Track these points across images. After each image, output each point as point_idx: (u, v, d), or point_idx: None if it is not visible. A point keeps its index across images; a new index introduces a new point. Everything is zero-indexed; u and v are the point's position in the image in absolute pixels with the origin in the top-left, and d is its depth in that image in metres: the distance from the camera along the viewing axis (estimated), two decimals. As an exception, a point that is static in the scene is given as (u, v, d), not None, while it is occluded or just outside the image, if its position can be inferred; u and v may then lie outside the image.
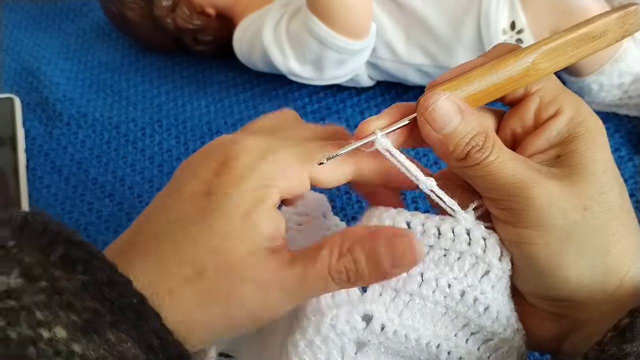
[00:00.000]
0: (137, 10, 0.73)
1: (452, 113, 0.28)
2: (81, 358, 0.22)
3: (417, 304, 0.29)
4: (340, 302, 0.28)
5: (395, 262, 0.26)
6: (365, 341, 0.29)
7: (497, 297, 0.29)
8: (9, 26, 0.84)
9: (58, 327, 0.22)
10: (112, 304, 0.24)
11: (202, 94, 0.71)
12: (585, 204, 0.27)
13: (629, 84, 0.57)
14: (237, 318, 0.27)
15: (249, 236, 0.26)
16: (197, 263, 0.26)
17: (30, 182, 0.61)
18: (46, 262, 0.24)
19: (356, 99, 0.66)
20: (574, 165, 0.28)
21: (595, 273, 0.27)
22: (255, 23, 0.65)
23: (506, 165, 0.27)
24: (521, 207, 0.27)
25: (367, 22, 0.58)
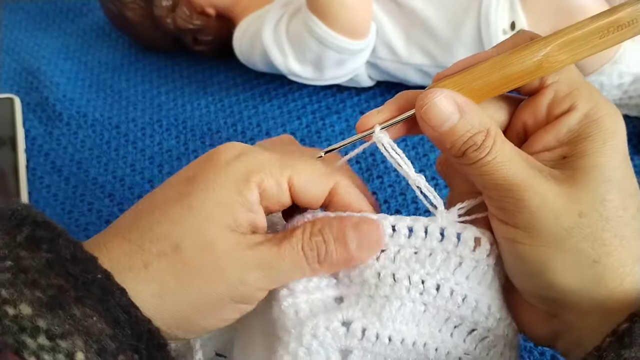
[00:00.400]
0: (137, 10, 0.73)
1: (448, 111, 0.27)
2: (46, 333, 0.22)
3: (395, 306, 0.29)
4: (317, 312, 0.29)
5: (361, 244, 0.29)
6: (349, 348, 0.29)
7: (474, 287, 0.29)
8: (9, 26, 0.84)
9: (23, 304, 0.23)
10: (77, 280, 0.24)
11: (202, 94, 0.71)
12: (581, 210, 0.26)
13: (628, 84, 0.57)
14: (214, 294, 0.27)
15: (227, 221, 0.27)
16: (174, 239, 0.27)
17: (30, 182, 0.61)
18: (12, 243, 0.25)
19: (356, 99, 0.66)
20: (577, 168, 0.27)
21: (583, 280, 0.27)
22: (255, 23, 0.65)
23: (502, 166, 0.27)
24: (514, 208, 0.27)
25: (367, 22, 0.58)
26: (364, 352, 0.29)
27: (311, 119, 0.64)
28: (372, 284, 0.29)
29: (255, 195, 0.28)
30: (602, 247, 0.26)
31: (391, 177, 0.56)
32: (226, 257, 0.27)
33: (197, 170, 0.29)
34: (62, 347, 0.23)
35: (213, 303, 0.27)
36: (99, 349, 0.23)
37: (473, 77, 0.28)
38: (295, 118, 0.65)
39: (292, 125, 0.64)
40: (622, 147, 0.28)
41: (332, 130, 0.63)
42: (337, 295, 0.30)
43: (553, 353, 0.42)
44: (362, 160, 0.59)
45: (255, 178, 0.28)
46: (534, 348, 0.42)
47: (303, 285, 0.29)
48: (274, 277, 0.28)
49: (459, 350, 0.29)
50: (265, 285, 0.28)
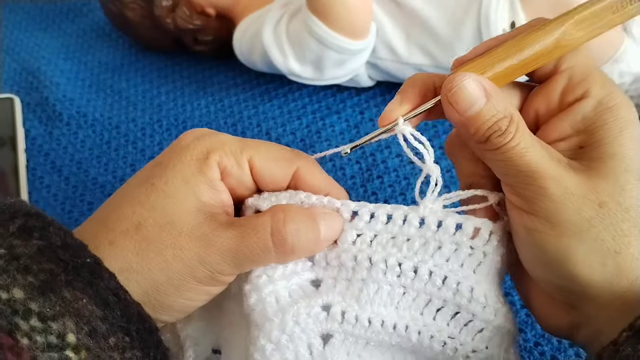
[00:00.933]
0: (137, 10, 0.73)
1: (476, 95, 0.27)
2: (38, 315, 0.23)
3: (372, 288, 0.29)
4: (297, 299, 0.29)
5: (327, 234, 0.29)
6: (330, 332, 0.29)
7: (455, 269, 0.29)
8: (9, 26, 0.84)
9: (16, 289, 0.24)
10: (67, 264, 0.25)
11: (202, 94, 0.71)
12: (601, 200, 0.26)
13: (629, 84, 0.57)
14: (175, 273, 0.27)
15: (189, 199, 0.28)
16: (136, 217, 0.28)
17: (30, 182, 0.61)
18: (5, 233, 0.26)
19: (356, 99, 0.66)
20: (595, 159, 0.27)
21: (605, 272, 0.27)
22: (255, 23, 0.65)
23: (526, 153, 0.27)
24: (535, 197, 0.27)
25: (367, 22, 0.58)
26: (344, 335, 0.29)
27: (311, 119, 0.64)
28: (349, 267, 0.29)
29: (216, 172, 0.29)
30: (622, 237, 0.26)
31: (391, 177, 0.56)
32: (186, 236, 0.28)
33: (162, 156, 0.31)
34: (54, 329, 0.23)
35: (175, 282, 0.27)
36: (90, 330, 0.24)
37: (493, 61, 0.28)
38: (295, 118, 0.65)
39: (292, 125, 0.64)
40: (637, 135, 0.27)
41: (332, 130, 0.63)
42: (314, 278, 0.30)
43: (553, 353, 0.42)
44: (362, 160, 0.59)
45: (214, 156, 0.29)
46: (534, 348, 0.42)
47: (281, 271, 0.29)
48: (237, 261, 0.28)
49: (443, 334, 0.29)
50: (229, 269, 0.28)
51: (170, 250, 0.27)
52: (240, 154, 0.30)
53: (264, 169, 0.30)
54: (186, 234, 0.28)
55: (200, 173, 0.29)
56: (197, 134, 0.31)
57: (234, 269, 0.28)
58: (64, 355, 0.23)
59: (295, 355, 0.28)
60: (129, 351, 0.25)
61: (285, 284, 0.29)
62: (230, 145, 0.30)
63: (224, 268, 0.28)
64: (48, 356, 0.23)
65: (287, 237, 0.28)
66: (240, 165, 0.30)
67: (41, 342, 0.23)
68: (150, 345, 0.26)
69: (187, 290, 0.28)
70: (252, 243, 0.28)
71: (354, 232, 0.30)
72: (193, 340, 0.32)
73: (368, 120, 0.63)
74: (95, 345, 0.24)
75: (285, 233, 0.28)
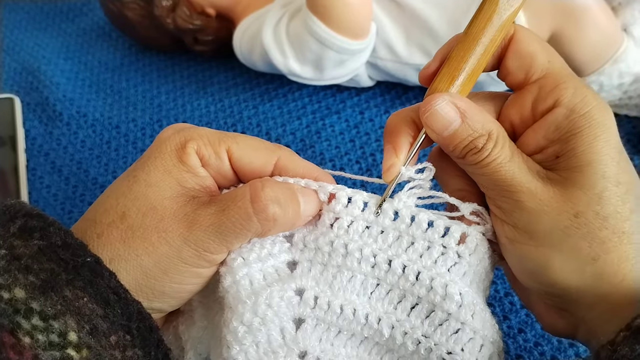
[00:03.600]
0: (137, 10, 0.73)
1: (450, 118, 0.28)
2: (39, 314, 0.24)
3: (346, 276, 0.29)
4: (271, 282, 0.29)
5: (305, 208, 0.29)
6: (302, 317, 0.29)
7: (429, 265, 0.29)
8: (9, 26, 0.84)
9: (17, 289, 0.24)
10: (67, 264, 0.25)
11: (202, 94, 0.71)
12: (577, 210, 0.26)
13: (629, 84, 0.57)
14: (162, 256, 0.27)
15: (172, 186, 0.29)
16: (120, 208, 0.28)
17: (30, 182, 0.61)
18: (6, 234, 0.26)
19: (356, 99, 0.66)
20: (571, 168, 0.27)
21: (583, 278, 0.27)
22: (255, 23, 0.65)
23: (501, 168, 0.27)
24: (512, 209, 0.28)
25: (367, 22, 0.58)
26: (317, 321, 0.29)
27: (311, 119, 0.64)
28: (325, 252, 0.30)
29: (195, 159, 0.29)
30: (600, 245, 0.26)
31: (391, 177, 0.56)
32: (169, 219, 0.28)
33: (145, 152, 0.31)
34: (55, 327, 0.23)
35: (162, 266, 0.28)
36: (91, 329, 0.24)
37: (457, 63, 0.28)
38: (295, 118, 0.65)
39: (292, 125, 0.64)
40: (614, 139, 0.27)
41: (332, 130, 0.63)
42: (291, 260, 0.30)
43: (553, 353, 0.42)
44: (362, 160, 0.59)
45: (191, 144, 0.29)
46: (534, 348, 0.42)
47: (256, 254, 0.29)
48: (222, 236, 0.28)
49: (417, 331, 0.29)
50: (215, 245, 0.28)
51: (155, 234, 0.27)
52: (218, 145, 0.30)
53: (242, 158, 0.30)
54: (169, 217, 0.28)
55: (180, 162, 0.29)
56: (177, 128, 0.31)
57: (220, 246, 0.28)
58: (66, 353, 0.23)
59: (268, 339, 0.28)
60: (130, 349, 0.25)
61: (260, 267, 0.29)
62: (208, 137, 0.30)
63: (209, 245, 0.28)
64: (50, 355, 0.23)
65: (267, 204, 0.28)
66: (218, 156, 0.30)
67: (43, 340, 0.23)
68: (151, 344, 0.27)
69: (176, 273, 0.28)
70: (233, 214, 0.28)
71: (331, 215, 0.30)
72: (194, 343, 0.32)
73: (368, 120, 0.63)
74: (96, 344, 0.24)
75: (265, 198, 0.28)
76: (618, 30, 0.56)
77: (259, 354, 0.28)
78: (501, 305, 0.44)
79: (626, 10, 0.57)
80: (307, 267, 0.30)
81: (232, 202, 0.28)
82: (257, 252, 0.29)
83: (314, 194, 0.30)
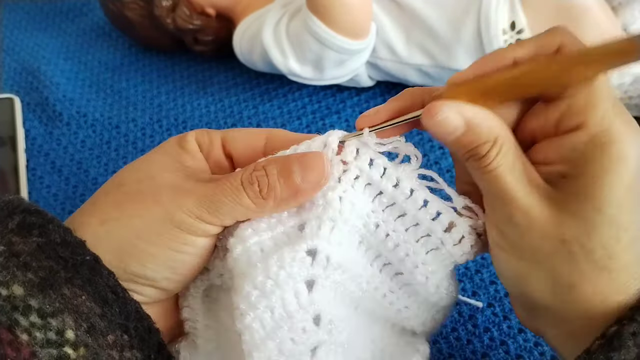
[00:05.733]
0: (137, 10, 0.73)
1: (455, 125, 0.27)
2: (37, 312, 0.24)
3: (347, 232, 0.29)
4: (281, 244, 0.28)
5: (305, 175, 0.28)
6: (314, 278, 0.28)
7: (410, 241, 0.30)
8: (9, 26, 0.84)
9: (15, 286, 0.24)
10: (66, 262, 0.25)
11: (202, 94, 0.71)
12: (564, 238, 0.26)
13: (629, 84, 0.57)
14: (154, 217, 0.28)
15: (172, 163, 0.30)
16: (118, 179, 0.30)
17: (30, 182, 0.61)
18: (4, 230, 0.26)
19: (356, 99, 0.66)
20: (570, 193, 0.26)
21: (555, 300, 0.27)
22: (255, 23, 0.65)
23: (501, 178, 0.27)
24: (504, 219, 0.27)
25: (367, 22, 0.58)
26: (328, 283, 0.28)
27: (311, 119, 0.64)
28: (336, 209, 0.29)
29: (194, 145, 0.31)
30: (579, 274, 0.26)
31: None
32: (163, 186, 0.28)
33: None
34: (53, 325, 0.24)
35: (155, 227, 0.28)
36: (89, 327, 0.24)
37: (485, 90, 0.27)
38: (295, 118, 0.65)
39: (292, 125, 0.64)
40: (628, 176, 0.25)
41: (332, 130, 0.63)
42: (299, 223, 0.29)
43: (553, 354, 0.42)
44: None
45: (191, 134, 0.32)
46: (534, 348, 0.42)
47: (265, 223, 0.29)
48: (215, 207, 0.28)
49: (384, 286, 0.31)
50: (208, 216, 0.28)
51: (149, 198, 0.28)
52: (214, 133, 0.32)
53: (234, 140, 0.32)
54: (165, 185, 0.28)
55: (180, 147, 0.31)
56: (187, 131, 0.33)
57: (213, 217, 0.28)
58: (63, 351, 0.23)
59: (282, 302, 0.27)
60: (128, 350, 0.25)
61: (270, 235, 0.29)
62: (205, 130, 0.32)
63: (202, 213, 0.28)
64: (47, 352, 0.23)
65: (255, 179, 0.28)
66: (213, 143, 0.32)
67: (40, 338, 0.23)
68: (151, 347, 0.26)
69: (169, 238, 0.28)
70: (226, 188, 0.28)
71: (340, 167, 0.29)
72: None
73: (368, 120, 0.63)
74: (93, 342, 0.24)
75: (257, 175, 0.28)
76: (618, 30, 0.56)
77: (275, 320, 0.26)
78: (501, 305, 0.44)
79: (626, 10, 0.57)
80: (316, 224, 0.28)
81: (226, 177, 0.29)
82: (266, 222, 0.29)
83: (316, 157, 0.29)
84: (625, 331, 0.25)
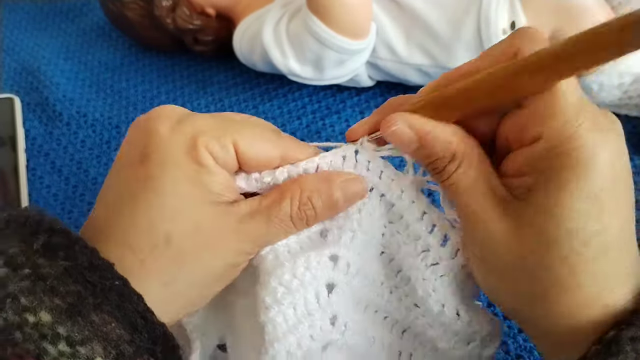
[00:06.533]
0: (137, 10, 0.73)
1: (408, 139, 0.28)
2: (66, 340, 0.23)
3: (368, 242, 0.31)
4: (307, 248, 0.30)
5: (348, 203, 0.30)
6: (335, 282, 0.30)
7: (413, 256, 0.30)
8: (9, 26, 0.84)
9: (43, 312, 0.23)
10: (95, 287, 0.24)
11: (202, 94, 0.71)
12: (522, 253, 0.25)
13: (629, 84, 0.57)
14: (216, 269, 0.28)
15: (202, 195, 0.27)
16: (161, 230, 0.26)
17: (30, 182, 0.61)
18: (29, 250, 0.25)
19: (356, 99, 0.66)
20: (532, 206, 0.25)
21: (523, 310, 0.27)
22: (255, 23, 0.65)
23: (461, 194, 0.27)
24: (467, 231, 0.28)
25: (367, 22, 0.58)
26: (346, 287, 0.30)
27: (311, 119, 0.64)
28: (354, 219, 0.30)
29: (209, 158, 0.27)
30: (542, 290, 0.25)
31: (391, 177, 0.56)
32: (218, 235, 0.28)
33: (144, 148, 0.28)
34: (82, 353, 0.23)
35: (216, 276, 0.28)
36: (117, 354, 0.24)
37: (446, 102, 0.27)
38: (295, 118, 0.65)
39: (292, 125, 0.64)
40: (591, 187, 0.24)
41: (332, 130, 0.63)
42: (321, 229, 0.31)
43: (553, 353, 0.42)
44: (362, 160, 0.59)
45: (201, 142, 0.27)
46: (534, 348, 0.42)
47: None
48: (264, 243, 0.29)
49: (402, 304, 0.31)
50: (257, 250, 0.29)
51: (206, 253, 0.27)
52: (224, 137, 0.28)
53: (248, 151, 0.29)
54: (217, 235, 0.28)
55: (199, 165, 0.27)
56: (173, 119, 0.29)
57: (260, 249, 0.30)
58: None
59: (304, 301, 0.29)
60: None
61: (295, 238, 0.30)
62: (212, 130, 0.28)
63: (254, 251, 0.29)
64: None
65: (306, 214, 0.29)
66: (225, 149, 0.28)
67: None
68: None
69: (227, 279, 0.29)
70: (278, 227, 0.29)
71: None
72: (200, 331, 0.32)
73: (368, 120, 0.63)
74: None
75: (305, 210, 0.29)
76: (618, 30, 0.56)
77: (297, 316, 0.29)
78: (501, 305, 0.44)
79: (626, 10, 0.57)
80: (337, 234, 0.30)
81: (277, 215, 0.29)
82: None
83: (358, 184, 0.30)
84: (624, 336, 0.24)
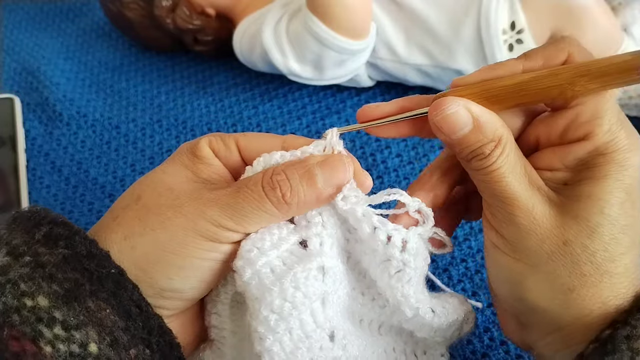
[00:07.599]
0: (137, 10, 0.73)
1: (463, 122, 0.27)
2: (62, 324, 0.24)
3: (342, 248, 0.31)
4: (290, 263, 0.28)
5: (328, 179, 0.29)
6: (326, 294, 0.28)
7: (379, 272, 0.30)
8: (9, 26, 0.84)
9: (40, 297, 0.24)
10: (92, 274, 0.25)
11: (202, 94, 0.71)
12: (566, 238, 0.26)
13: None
14: (177, 228, 0.27)
15: (188, 175, 0.29)
16: (136, 192, 0.29)
17: (30, 182, 0.61)
18: (31, 240, 0.26)
19: (356, 99, 0.66)
20: (572, 196, 0.27)
21: (552, 303, 0.27)
22: (255, 23, 0.65)
23: (504, 178, 0.27)
24: (504, 220, 0.27)
25: (367, 22, 0.58)
26: (334, 296, 0.29)
27: (311, 119, 0.64)
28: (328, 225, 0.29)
29: (207, 151, 0.30)
30: (580, 277, 0.26)
31: (391, 177, 0.56)
32: (184, 196, 0.28)
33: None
34: (76, 338, 0.23)
35: (179, 238, 0.27)
36: (112, 341, 0.24)
37: (490, 94, 0.28)
38: (295, 118, 0.65)
39: (292, 125, 0.64)
40: (628, 181, 0.26)
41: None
42: (300, 239, 0.29)
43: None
44: (362, 160, 0.59)
45: (204, 140, 0.31)
46: (534, 348, 0.42)
47: (269, 241, 0.29)
48: (237, 217, 0.28)
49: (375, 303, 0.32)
50: (231, 224, 0.28)
51: (170, 210, 0.28)
52: (227, 138, 0.31)
53: (249, 146, 0.31)
54: (185, 196, 0.28)
55: (194, 156, 0.30)
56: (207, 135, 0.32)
57: (236, 225, 0.28)
58: None
59: (300, 323, 0.27)
60: None
61: (276, 253, 0.28)
62: (221, 135, 0.31)
63: (225, 221, 0.28)
64: None
65: (276, 185, 0.28)
66: (228, 147, 0.31)
67: (64, 350, 0.23)
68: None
69: (194, 248, 0.27)
70: (247, 195, 0.28)
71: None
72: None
73: (368, 120, 0.63)
74: (116, 356, 0.24)
75: (275, 179, 0.28)
76: (618, 30, 0.56)
77: (293, 341, 0.27)
78: (501, 305, 0.44)
79: (626, 10, 0.57)
80: (317, 242, 0.29)
81: (246, 184, 0.28)
82: (269, 240, 0.29)
83: (338, 160, 0.29)
84: (619, 334, 0.25)
